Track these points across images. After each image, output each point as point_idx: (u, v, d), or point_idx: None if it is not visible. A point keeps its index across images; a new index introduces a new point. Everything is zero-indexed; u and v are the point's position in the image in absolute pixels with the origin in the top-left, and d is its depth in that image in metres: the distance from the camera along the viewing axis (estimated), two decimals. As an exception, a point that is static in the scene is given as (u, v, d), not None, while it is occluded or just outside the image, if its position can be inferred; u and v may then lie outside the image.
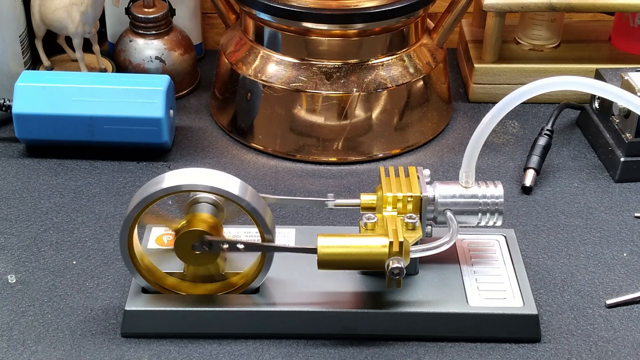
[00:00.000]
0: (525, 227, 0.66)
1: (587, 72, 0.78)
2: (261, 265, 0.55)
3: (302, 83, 0.71)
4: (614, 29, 0.85)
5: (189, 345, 0.55)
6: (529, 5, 0.78)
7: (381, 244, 0.53)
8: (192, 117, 0.79)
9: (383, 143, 0.73)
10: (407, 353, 0.55)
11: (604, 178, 0.71)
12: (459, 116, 0.80)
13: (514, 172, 0.72)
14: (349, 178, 0.71)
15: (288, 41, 0.72)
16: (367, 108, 0.72)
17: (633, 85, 0.69)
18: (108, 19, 0.85)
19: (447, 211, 0.56)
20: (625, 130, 0.70)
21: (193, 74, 0.83)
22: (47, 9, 0.77)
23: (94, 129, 0.71)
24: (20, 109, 0.71)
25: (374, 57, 0.72)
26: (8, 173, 0.71)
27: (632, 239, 0.65)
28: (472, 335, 0.56)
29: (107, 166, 0.72)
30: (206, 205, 0.55)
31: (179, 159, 0.73)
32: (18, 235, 0.64)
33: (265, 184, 0.70)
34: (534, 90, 0.55)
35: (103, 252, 0.63)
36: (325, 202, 0.58)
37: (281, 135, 0.73)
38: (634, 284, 0.60)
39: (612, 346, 0.55)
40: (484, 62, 0.81)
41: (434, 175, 0.68)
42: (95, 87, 0.71)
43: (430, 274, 0.58)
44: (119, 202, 0.68)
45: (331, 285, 0.57)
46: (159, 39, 0.80)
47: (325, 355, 0.55)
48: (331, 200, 0.57)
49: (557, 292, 0.60)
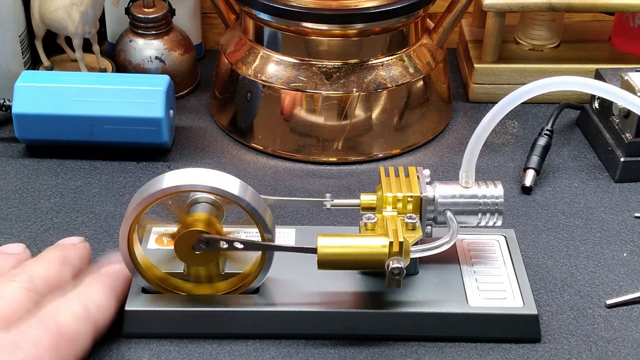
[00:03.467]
0: (525, 227, 0.66)
1: (587, 72, 0.78)
2: (261, 266, 0.55)
3: (302, 83, 0.71)
4: (614, 29, 0.85)
5: (189, 345, 0.55)
6: (529, 5, 0.78)
7: (381, 244, 0.53)
8: (192, 117, 0.79)
9: (383, 143, 0.73)
10: (407, 353, 0.55)
11: (604, 178, 0.71)
12: (459, 116, 0.80)
13: (514, 172, 0.72)
14: (349, 178, 0.71)
15: (288, 41, 0.72)
16: (367, 108, 0.72)
17: (633, 85, 0.69)
18: (108, 19, 0.85)
19: (447, 211, 0.56)
20: (625, 130, 0.70)
21: (193, 74, 0.83)
22: (47, 9, 0.77)
23: (94, 129, 0.71)
24: (20, 109, 0.71)
25: (374, 57, 0.72)
26: (8, 173, 0.71)
27: (632, 239, 0.65)
28: (472, 335, 0.56)
29: (107, 166, 0.72)
30: (206, 205, 0.56)
31: (179, 159, 0.73)
32: (18, 235, 0.64)
33: (265, 184, 0.70)
34: (534, 90, 0.55)
35: (103, 252, 0.62)
36: (323, 202, 0.58)
37: (281, 135, 0.73)
38: (634, 284, 0.60)
39: (612, 346, 0.55)
40: (484, 62, 0.81)
41: (434, 175, 0.68)
42: (95, 87, 0.71)
43: (430, 274, 0.58)
44: (119, 202, 0.68)
45: (331, 285, 0.57)
46: (159, 39, 0.80)
47: (325, 355, 0.55)
48: (329, 200, 0.58)
49: (557, 292, 0.60)
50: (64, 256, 0.56)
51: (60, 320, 0.50)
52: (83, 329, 0.51)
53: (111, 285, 0.55)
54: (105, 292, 0.54)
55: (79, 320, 0.51)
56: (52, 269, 0.54)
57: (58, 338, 0.49)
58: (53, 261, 0.55)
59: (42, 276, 0.53)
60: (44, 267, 0.54)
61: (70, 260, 0.56)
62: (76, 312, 0.51)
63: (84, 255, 0.57)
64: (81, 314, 0.51)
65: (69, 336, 0.50)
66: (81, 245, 0.58)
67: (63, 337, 0.49)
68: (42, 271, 0.54)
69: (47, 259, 0.55)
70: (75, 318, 0.51)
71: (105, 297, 0.54)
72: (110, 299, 0.54)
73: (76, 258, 0.57)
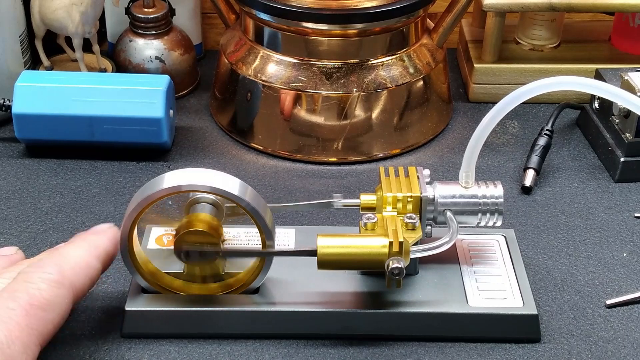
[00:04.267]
0: (525, 227, 0.66)
1: (587, 72, 0.78)
2: (261, 266, 0.55)
3: (302, 83, 0.71)
4: (614, 29, 0.85)
5: (189, 345, 0.55)
6: (529, 5, 0.78)
7: (381, 244, 0.53)
8: (192, 117, 0.79)
9: (383, 143, 0.73)
10: (407, 353, 0.55)
11: (604, 178, 0.71)
12: (459, 116, 0.80)
13: (514, 172, 0.72)
14: (349, 178, 0.71)
15: (288, 41, 0.72)
16: (367, 108, 0.72)
17: (633, 85, 0.69)
18: (108, 19, 0.85)
19: (447, 211, 0.56)
20: (625, 130, 0.70)
21: (193, 74, 0.83)
22: (47, 9, 0.77)
23: (94, 129, 0.71)
24: (20, 109, 0.71)
25: (374, 57, 0.72)
26: (8, 173, 0.71)
27: (632, 239, 0.65)
28: (472, 335, 0.56)
29: (107, 166, 0.72)
30: (206, 205, 0.56)
31: (179, 159, 0.73)
32: (18, 235, 0.64)
33: (265, 184, 0.70)
34: (534, 90, 0.55)
35: (103, 252, 0.63)
36: (331, 202, 0.58)
37: (281, 135, 0.73)
38: (634, 284, 0.60)
39: (612, 346, 0.55)
40: (484, 62, 0.81)
41: (434, 175, 0.68)
42: (95, 87, 0.71)
43: (430, 274, 0.58)
44: (119, 202, 0.68)
45: (331, 285, 0.57)
46: (159, 39, 0.80)
47: (325, 355, 0.55)
48: (338, 200, 0.58)
49: (557, 292, 0.60)
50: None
51: (31, 290, 0.48)
52: (57, 294, 0.49)
53: (92, 246, 0.53)
54: (83, 253, 0.52)
55: (52, 286, 0.49)
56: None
57: (28, 308, 0.47)
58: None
59: None
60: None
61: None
62: (49, 278, 0.49)
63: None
64: (55, 279, 0.49)
65: (41, 304, 0.48)
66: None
67: (34, 306, 0.48)
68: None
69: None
70: (47, 285, 0.49)
71: (82, 258, 0.52)
72: (89, 259, 0.52)
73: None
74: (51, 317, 0.49)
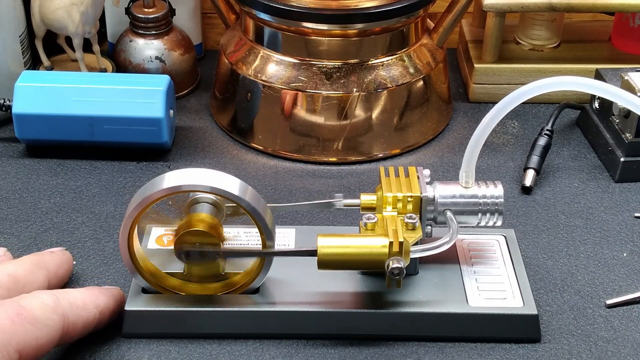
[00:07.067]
0: (525, 227, 0.66)
1: (587, 72, 0.78)
2: (261, 266, 0.55)
3: (302, 83, 0.71)
4: (614, 29, 0.85)
5: (189, 345, 0.55)
6: (529, 5, 0.78)
7: (381, 244, 0.53)
8: (192, 117, 0.79)
9: (383, 143, 0.73)
10: (407, 353, 0.55)
11: (604, 178, 0.71)
12: (459, 116, 0.80)
13: (514, 172, 0.72)
14: (349, 178, 0.72)
15: (288, 41, 0.72)
16: (367, 108, 0.72)
17: (633, 85, 0.69)
18: (108, 19, 0.85)
19: (447, 211, 0.56)
20: (625, 130, 0.70)
21: (193, 74, 0.83)
22: (47, 9, 0.77)
23: (94, 129, 0.71)
24: (20, 109, 0.71)
25: (374, 57, 0.72)
26: (8, 173, 0.71)
27: (632, 239, 0.65)
28: (472, 335, 0.56)
29: (107, 166, 0.72)
30: (206, 205, 0.56)
31: (179, 159, 0.73)
32: (18, 235, 0.64)
33: (265, 184, 0.70)
34: (534, 90, 0.55)
35: (103, 252, 0.63)
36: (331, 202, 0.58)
37: (281, 135, 0.73)
38: (634, 284, 0.60)
39: (612, 346, 0.55)
40: (484, 62, 0.81)
41: (434, 175, 0.68)
42: (95, 87, 0.71)
43: (430, 274, 0.58)
44: (119, 202, 0.68)
45: (331, 285, 0.57)
46: (159, 39, 0.80)
47: (325, 355, 0.55)
48: (338, 200, 0.58)
49: (557, 292, 0.60)
50: (37, 259, 0.55)
51: (23, 303, 0.48)
52: (47, 317, 0.49)
53: (95, 294, 0.53)
54: (84, 295, 0.52)
55: (44, 307, 0.49)
56: (22, 267, 0.54)
57: (15, 317, 0.47)
58: (24, 261, 0.55)
59: (9, 272, 0.53)
60: (13, 266, 0.54)
61: (45, 264, 0.55)
62: (43, 300, 0.49)
63: (62, 262, 0.57)
64: (49, 304, 0.49)
65: (29, 318, 0.48)
66: (59, 253, 0.58)
67: (22, 316, 0.48)
68: (9, 268, 0.53)
69: (19, 260, 0.55)
70: (40, 305, 0.49)
71: (82, 299, 0.52)
72: (88, 303, 0.52)
73: (52, 263, 0.56)
74: (36, 333, 0.48)
